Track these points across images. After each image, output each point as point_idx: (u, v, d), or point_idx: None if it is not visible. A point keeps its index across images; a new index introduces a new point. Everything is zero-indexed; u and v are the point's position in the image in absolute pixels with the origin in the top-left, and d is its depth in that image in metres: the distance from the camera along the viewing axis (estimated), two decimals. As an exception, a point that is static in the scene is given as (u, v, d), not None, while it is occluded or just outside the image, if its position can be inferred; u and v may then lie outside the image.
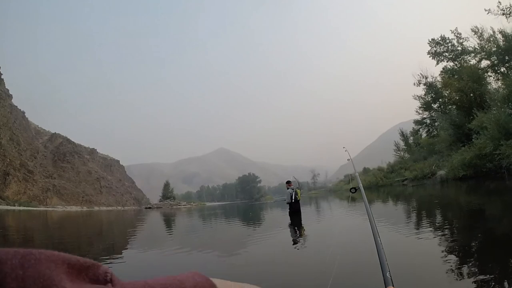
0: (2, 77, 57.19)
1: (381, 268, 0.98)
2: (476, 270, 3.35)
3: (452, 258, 3.94)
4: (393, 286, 0.76)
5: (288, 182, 12.09)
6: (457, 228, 6.59)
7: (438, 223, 7.38)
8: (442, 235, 5.60)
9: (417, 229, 6.56)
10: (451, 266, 3.54)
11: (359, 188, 2.21)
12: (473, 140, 23.38)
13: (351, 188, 2.50)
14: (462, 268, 3.46)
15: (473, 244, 4.93)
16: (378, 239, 1.38)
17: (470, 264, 3.66)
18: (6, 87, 58.39)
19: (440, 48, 36.75)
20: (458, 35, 35.51)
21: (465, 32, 34.78)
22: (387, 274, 0.87)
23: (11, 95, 60.97)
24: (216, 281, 0.33)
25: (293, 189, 11.66)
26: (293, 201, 11.49)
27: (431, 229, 6.34)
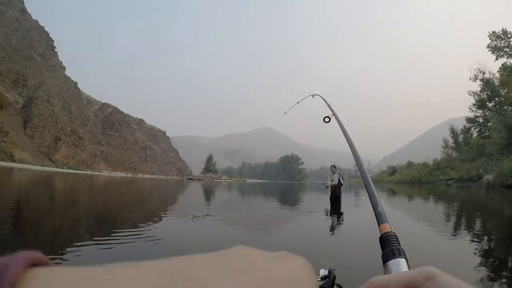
0: (56, 49, 61.02)
1: (372, 203, 0.77)
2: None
3: (482, 268, 3.60)
4: (388, 223, 0.67)
5: (334, 166, 11.92)
6: (495, 239, 6.05)
7: (476, 231, 6.82)
8: (477, 244, 5.18)
9: (453, 234, 6.10)
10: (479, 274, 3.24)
11: (334, 115, 1.55)
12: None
13: (325, 117, 1.70)
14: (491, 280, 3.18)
15: (509, 259, 4.54)
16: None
17: (499, 279, 3.33)
18: (60, 59, 62.38)
19: (501, 42, 32.70)
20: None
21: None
22: (378, 209, 0.72)
23: (65, 66, 65.24)
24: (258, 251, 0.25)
25: (339, 174, 11.44)
26: (343, 185, 11.31)
27: (466, 235, 5.93)
